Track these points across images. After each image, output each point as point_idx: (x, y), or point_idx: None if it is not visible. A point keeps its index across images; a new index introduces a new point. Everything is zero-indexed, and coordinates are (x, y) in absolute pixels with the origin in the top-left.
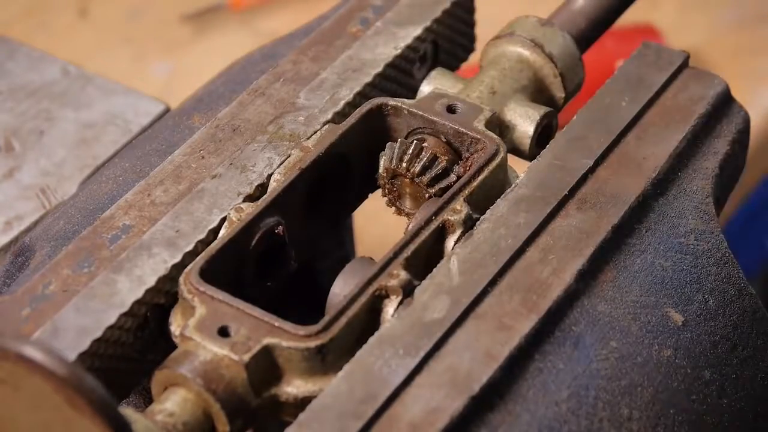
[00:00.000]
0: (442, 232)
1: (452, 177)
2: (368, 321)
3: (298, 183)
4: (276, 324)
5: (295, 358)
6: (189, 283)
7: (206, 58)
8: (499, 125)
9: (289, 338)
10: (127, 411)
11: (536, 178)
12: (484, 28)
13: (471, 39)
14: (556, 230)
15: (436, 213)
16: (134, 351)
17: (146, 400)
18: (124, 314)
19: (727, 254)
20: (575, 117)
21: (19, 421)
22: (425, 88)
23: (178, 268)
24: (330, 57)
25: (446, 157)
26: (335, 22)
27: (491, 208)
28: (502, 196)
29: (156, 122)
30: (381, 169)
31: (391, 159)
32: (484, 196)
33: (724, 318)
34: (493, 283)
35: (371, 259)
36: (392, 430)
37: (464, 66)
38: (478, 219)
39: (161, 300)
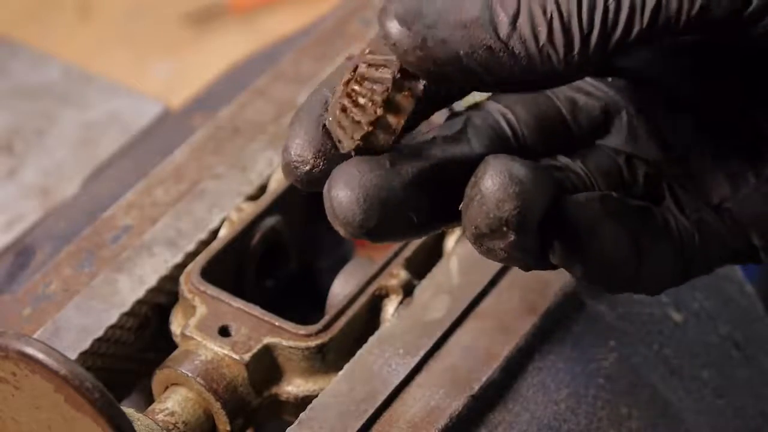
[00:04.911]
0: (442, 232)
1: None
2: (368, 321)
3: None
4: (276, 323)
5: (295, 357)
6: (190, 282)
7: (206, 58)
8: None
9: (289, 338)
10: (128, 410)
11: None
12: None
13: None
14: None
15: None
16: (135, 350)
17: (147, 399)
18: (125, 314)
19: None
20: None
21: (20, 421)
22: None
23: (179, 268)
24: (330, 57)
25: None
26: (335, 22)
27: None
28: None
29: (156, 122)
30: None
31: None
32: None
33: (723, 318)
34: (493, 282)
35: (371, 258)
36: (392, 430)
37: None
38: None
39: (162, 299)
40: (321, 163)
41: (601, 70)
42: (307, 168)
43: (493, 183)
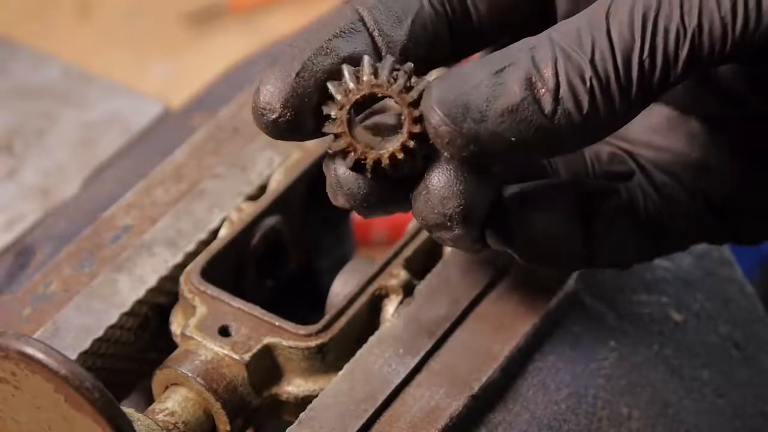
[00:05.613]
0: None
1: None
2: (368, 320)
3: (299, 183)
4: (276, 323)
5: (295, 357)
6: (190, 282)
7: (206, 58)
8: None
9: (289, 337)
10: (128, 410)
11: None
12: None
13: None
14: None
15: None
16: (135, 350)
17: (147, 399)
18: (125, 314)
19: (727, 254)
20: None
21: (20, 421)
22: None
23: (179, 268)
24: None
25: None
26: None
27: None
28: None
29: (156, 122)
30: (342, 96)
31: (361, 77)
32: None
33: (723, 318)
34: (492, 282)
35: (371, 258)
36: (392, 430)
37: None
38: None
39: (162, 299)
40: (288, 114)
41: None
42: (274, 116)
43: (439, 180)
